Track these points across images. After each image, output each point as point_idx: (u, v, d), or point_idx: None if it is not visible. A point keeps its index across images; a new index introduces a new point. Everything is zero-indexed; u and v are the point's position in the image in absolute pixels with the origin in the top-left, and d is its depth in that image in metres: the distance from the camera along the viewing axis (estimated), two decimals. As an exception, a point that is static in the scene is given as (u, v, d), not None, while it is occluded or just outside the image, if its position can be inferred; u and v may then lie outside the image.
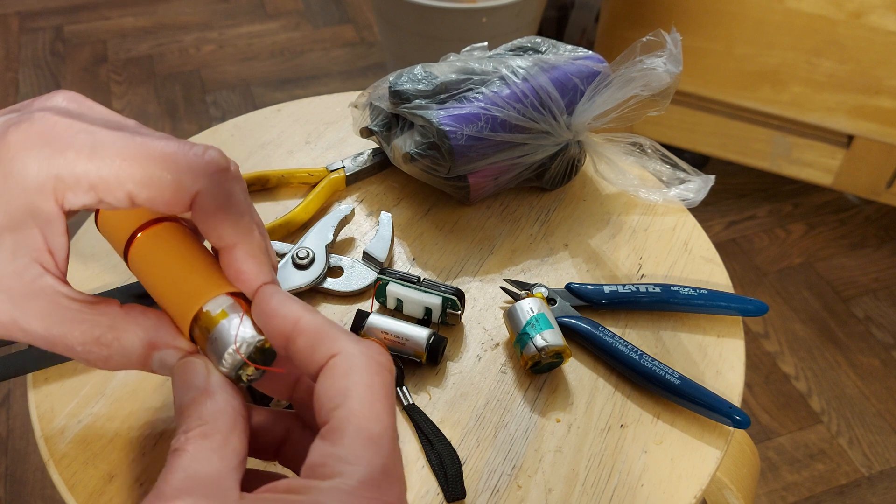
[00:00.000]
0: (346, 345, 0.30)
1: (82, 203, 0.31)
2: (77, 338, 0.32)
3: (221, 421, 0.29)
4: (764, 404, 1.25)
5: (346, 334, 0.31)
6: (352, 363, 0.29)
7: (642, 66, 0.54)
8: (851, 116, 1.30)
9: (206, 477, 0.27)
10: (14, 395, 1.22)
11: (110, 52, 1.91)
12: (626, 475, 0.44)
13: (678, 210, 0.61)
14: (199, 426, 0.29)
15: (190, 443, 0.28)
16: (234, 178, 0.33)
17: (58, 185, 0.30)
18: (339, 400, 0.28)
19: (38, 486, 1.12)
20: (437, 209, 0.61)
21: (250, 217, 0.33)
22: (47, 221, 0.31)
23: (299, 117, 0.69)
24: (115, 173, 0.30)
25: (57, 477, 0.43)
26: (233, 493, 0.26)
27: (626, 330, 0.52)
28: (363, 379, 0.29)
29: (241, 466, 0.28)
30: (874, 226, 1.54)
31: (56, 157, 0.30)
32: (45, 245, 0.31)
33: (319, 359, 0.30)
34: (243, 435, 0.29)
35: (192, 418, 0.29)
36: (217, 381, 0.31)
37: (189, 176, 0.31)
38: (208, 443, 0.28)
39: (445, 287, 0.51)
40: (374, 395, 0.29)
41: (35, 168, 0.30)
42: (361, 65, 1.90)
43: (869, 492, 1.15)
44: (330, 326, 0.31)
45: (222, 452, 0.28)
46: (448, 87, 0.57)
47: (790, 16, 1.22)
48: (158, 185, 0.31)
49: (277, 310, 0.31)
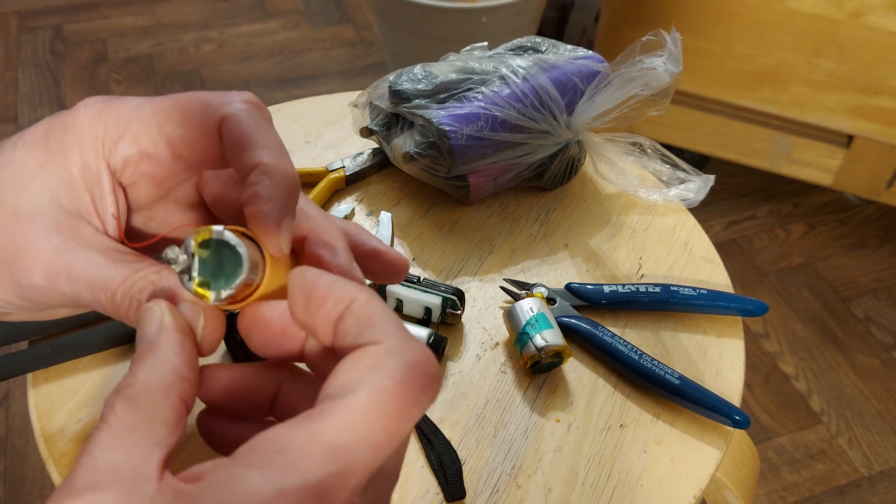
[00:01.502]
0: (393, 340, 0.26)
1: (125, 155, 0.33)
2: (120, 285, 0.31)
3: (153, 384, 0.26)
4: (764, 404, 1.25)
5: (400, 330, 0.26)
6: (385, 361, 0.25)
7: (642, 66, 0.54)
8: (851, 116, 1.30)
9: (123, 463, 0.24)
10: (14, 394, 1.22)
11: (110, 51, 1.91)
12: (625, 475, 0.44)
13: (678, 210, 0.61)
14: (129, 386, 0.26)
15: (115, 411, 0.25)
16: (266, 116, 0.33)
17: (106, 138, 0.32)
18: (340, 391, 0.25)
19: (38, 485, 1.12)
20: (436, 209, 0.61)
21: (280, 150, 0.31)
22: (95, 179, 0.33)
23: (299, 117, 0.69)
24: (154, 120, 0.32)
25: (56, 476, 0.43)
26: (150, 483, 0.23)
27: (626, 330, 0.52)
28: (382, 383, 0.24)
29: (170, 438, 0.26)
30: (874, 226, 1.54)
31: (108, 112, 0.33)
32: (92, 207, 0.33)
33: (359, 342, 0.26)
34: (177, 402, 0.26)
35: (128, 374, 0.27)
36: (167, 332, 0.28)
37: (215, 104, 0.32)
38: (133, 412, 0.25)
39: (445, 287, 0.51)
40: (377, 405, 0.24)
41: (89, 123, 0.33)
42: (361, 65, 1.90)
43: (869, 492, 1.15)
44: (385, 314, 0.27)
45: (147, 425, 0.25)
46: (448, 87, 0.57)
47: (790, 16, 1.22)
48: (190, 121, 0.32)
49: (329, 294, 0.27)
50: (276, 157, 0.30)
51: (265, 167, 0.30)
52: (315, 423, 0.24)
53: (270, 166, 0.30)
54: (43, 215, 0.32)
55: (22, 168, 0.32)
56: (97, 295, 0.32)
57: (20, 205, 0.32)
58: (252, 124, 0.31)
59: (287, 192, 0.30)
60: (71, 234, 0.32)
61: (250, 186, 0.29)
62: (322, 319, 0.27)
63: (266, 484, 0.23)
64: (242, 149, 0.30)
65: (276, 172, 0.30)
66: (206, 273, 0.28)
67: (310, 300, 0.28)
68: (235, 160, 0.31)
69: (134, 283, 0.31)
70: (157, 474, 0.24)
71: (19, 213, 0.32)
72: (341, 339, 0.27)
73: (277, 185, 0.29)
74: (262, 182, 0.29)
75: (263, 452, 0.24)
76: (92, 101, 0.34)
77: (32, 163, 0.32)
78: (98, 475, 0.23)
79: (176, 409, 0.26)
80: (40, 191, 0.32)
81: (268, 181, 0.29)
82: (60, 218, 0.32)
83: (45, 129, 0.33)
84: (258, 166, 0.30)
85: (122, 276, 0.31)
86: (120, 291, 0.31)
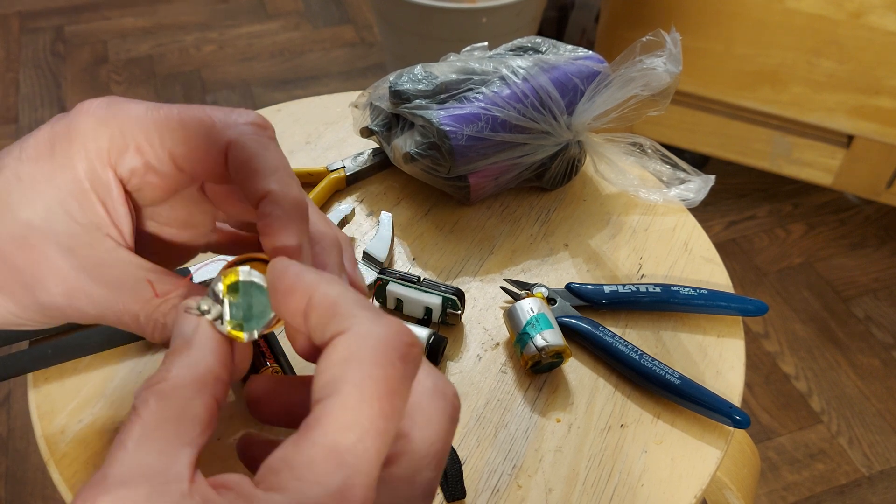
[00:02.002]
0: (358, 323, 0.25)
1: (130, 166, 0.33)
2: (142, 307, 0.32)
3: (187, 380, 0.26)
4: (764, 404, 1.25)
5: (363, 310, 0.26)
6: (356, 347, 0.25)
7: (642, 66, 0.54)
8: (851, 116, 1.30)
9: (155, 461, 0.24)
10: (14, 395, 1.22)
11: (111, 52, 1.91)
12: (626, 475, 0.44)
13: (678, 210, 0.61)
14: (162, 381, 0.26)
15: (148, 404, 0.25)
16: (270, 136, 0.33)
17: (112, 147, 0.32)
18: (326, 391, 0.24)
19: (39, 485, 1.12)
20: (437, 209, 0.61)
21: (287, 173, 0.32)
22: (106, 189, 0.33)
23: (299, 117, 0.69)
24: (157, 134, 0.32)
25: (57, 477, 0.43)
26: (179, 484, 0.23)
27: (626, 330, 0.52)
28: (362, 370, 0.24)
29: (201, 437, 0.26)
30: (874, 226, 1.54)
31: (111, 121, 0.32)
32: (107, 216, 0.33)
33: (328, 335, 0.26)
34: (210, 401, 0.26)
35: (161, 369, 0.27)
36: (203, 334, 0.28)
37: (220, 127, 0.32)
38: (166, 406, 0.25)
39: (445, 287, 0.51)
40: (363, 393, 0.24)
41: (93, 132, 0.32)
42: (361, 65, 1.90)
43: (869, 492, 1.15)
44: (345, 299, 0.26)
45: (180, 422, 0.25)
46: (448, 87, 0.57)
47: (790, 16, 1.22)
48: (194, 140, 0.32)
49: (295, 285, 0.27)
50: (284, 184, 0.31)
51: (275, 196, 0.31)
52: (314, 431, 0.24)
53: (279, 194, 0.31)
54: (58, 234, 0.32)
55: (31, 182, 0.32)
56: (121, 317, 0.32)
57: (33, 222, 0.32)
58: (258, 149, 0.32)
59: (299, 217, 0.31)
60: (89, 252, 0.32)
61: (264, 217, 0.31)
62: (291, 314, 0.27)
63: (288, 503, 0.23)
64: (250, 175, 0.31)
65: (284, 199, 0.31)
66: (239, 316, 0.29)
67: (276, 293, 0.28)
68: (243, 185, 0.32)
69: (157, 307, 0.32)
70: (188, 475, 0.24)
71: (34, 230, 0.32)
72: (314, 334, 0.27)
73: (289, 212, 0.31)
74: (273, 213, 0.30)
75: (277, 473, 0.24)
76: (92, 106, 0.33)
77: (41, 177, 0.32)
78: (130, 471, 0.23)
79: (209, 408, 0.26)
80: (52, 206, 0.32)
81: (280, 211, 0.30)
82: (76, 234, 0.32)
83: (47, 138, 0.33)
84: (268, 195, 0.31)
85: (146, 299, 0.32)
86: (143, 315, 0.32)
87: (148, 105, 0.33)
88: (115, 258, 0.32)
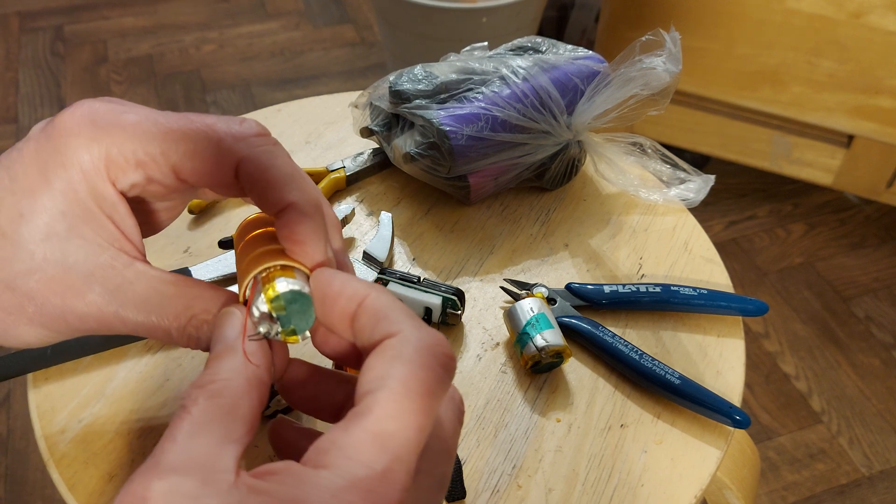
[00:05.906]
0: (406, 328, 0.28)
1: (131, 181, 0.32)
2: (173, 322, 0.32)
3: (236, 382, 0.28)
4: (764, 404, 1.25)
5: (410, 318, 0.29)
6: (402, 349, 0.27)
7: (642, 66, 0.54)
8: (851, 116, 1.30)
9: (204, 453, 0.25)
10: (14, 395, 1.22)
11: (110, 51, 1.91)
12: (626, 475, 0.44)
13: (678, 210, 0.61)
14: (211, 382, 0.28)
15: (198, 402, 0.27)
16: (275, 143, 0.33)
17: (109, 164, 0.32)
18: (374, 385, 0.27)
19: (39, 485, 1.12)
20: (437, 209, 0.61)
21: (301, 177, 0.32)
22: (112, 206, 0.32)
23: (299, 117, 0.69)
24: (159, 148, 0.32)
25: (57, 477, 0.43)
26: (227, 475, 0.25)
27: (626, 330, 0.52)
28: (406, 369, 0.27)
29: (246, 437, 0.27)
30: (874, 226, 1.54)
31: (103, 137, 0.31)
32: (119, 232, 0.33)
33: (376, 337, 0.28)
34: (256, 403, 0.28)
35: (209, 372, 0.28)
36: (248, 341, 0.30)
37: (229, 142, 0.32)
38: (215, 405, 0.27)
39: (445, 287, 0.51)
40: (409, 390, 0.26)
41: (86, 151, 0.31)
42: (361, 65, 1.90)
43: (869, 492, 1.15)
44: (394, 306, 0.29)
45: (228, 419, 0.27)
46: (448, 87, 0.57)
47: (790, 16, 1.22)
48: (201, 156, 0.32)
49: (342, 291, 0.30)
50: (303, 191, 0.32)
51: (298, 207, 0.31)
52: (363, 418, 0.26)
53: (300, 204, 0.31)
54: (77, 262, 0.32)
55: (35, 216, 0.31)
56: (152, 333, 0.33)
57: (50, 256, 0.32)
58: (270, 160, 0.32)
59: (321, 221, 0.32)
60: (110, 273, 0.32)
61: (288, 227, 0.31)
62: (338, 316, 0.30)
63: (337, 478, 0.25)
64: (267, 188, 0.32)
65: (307, 205, 0.31)
66: (289, 324, 0.31)
67: (325, 298, 0.30)
68: (260, 197, 0.32)
69: (188, 320, 0.32)
70: (233, 468, 0.25)
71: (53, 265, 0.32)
72: (359, 335, 0.29)
73: (314, 218, 0.31)
74: (299, 226, 0.31)
75: (326, 452, 0.26)
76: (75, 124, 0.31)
77: (43, 210, 0.31)
78: (181, 459, 0.25)
79: (254, 409, 0.28)
80: (65, 236, 0.32)
81: (305, 226, 0.31)
82: (93, 257, 0.32)
83: (36, 166, 0.31)
84: (289, 207, 0.31)
85: (175, 314, 0.32)
86: (175, 330, 0.33)
87: (141, 114, 0.32)
88: (135, 274, 0.32)
